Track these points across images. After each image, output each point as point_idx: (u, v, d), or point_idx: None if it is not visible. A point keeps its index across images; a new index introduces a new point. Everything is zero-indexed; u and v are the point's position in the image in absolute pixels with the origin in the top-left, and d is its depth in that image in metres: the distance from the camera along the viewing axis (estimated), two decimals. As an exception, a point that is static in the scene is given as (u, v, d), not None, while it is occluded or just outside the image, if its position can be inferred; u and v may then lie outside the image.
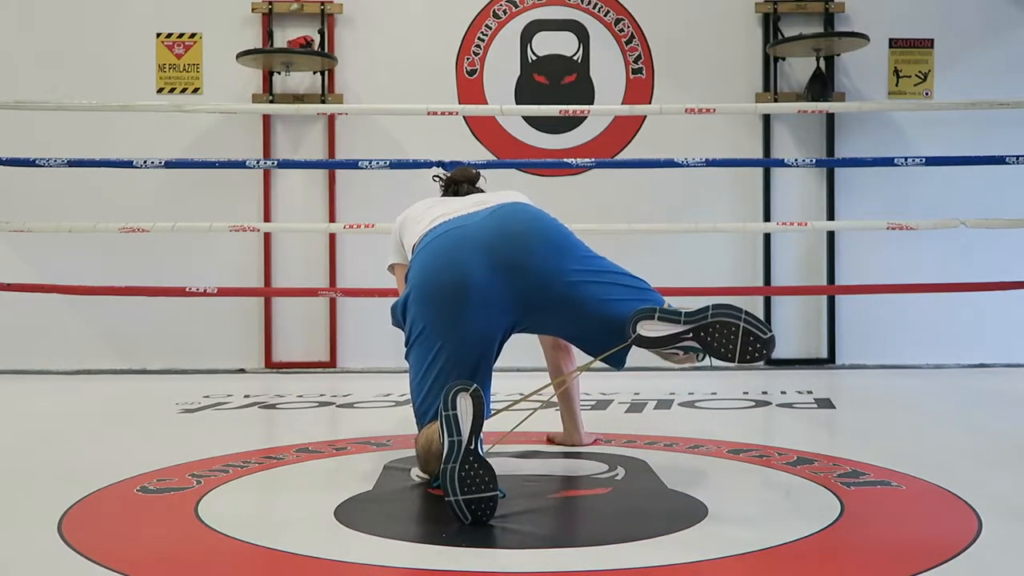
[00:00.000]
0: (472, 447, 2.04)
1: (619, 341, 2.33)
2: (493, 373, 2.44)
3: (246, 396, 4.22)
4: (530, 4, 5.59)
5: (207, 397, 4.19)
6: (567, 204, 5.20)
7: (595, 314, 2.39)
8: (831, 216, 5.47)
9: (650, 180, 5.37)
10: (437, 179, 2.95)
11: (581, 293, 2.39)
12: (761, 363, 4.80)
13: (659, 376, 4.64)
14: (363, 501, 2.25)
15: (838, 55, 5.46)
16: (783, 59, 5.52)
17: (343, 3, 5.51)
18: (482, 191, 2.83)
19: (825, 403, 3.92)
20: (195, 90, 5.53)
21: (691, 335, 2.13)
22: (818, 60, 5.37)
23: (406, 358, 2.47)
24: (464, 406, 2.07)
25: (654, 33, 5.59)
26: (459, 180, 2.86)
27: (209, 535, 1.99)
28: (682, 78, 5.57)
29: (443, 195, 2.85)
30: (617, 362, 2.42)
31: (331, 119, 5.50)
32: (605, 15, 5.59)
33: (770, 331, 2.11)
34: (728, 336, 2.09)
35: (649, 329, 2.16)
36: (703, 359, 2.22)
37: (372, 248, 4.97)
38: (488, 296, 2.36)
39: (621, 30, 5.59)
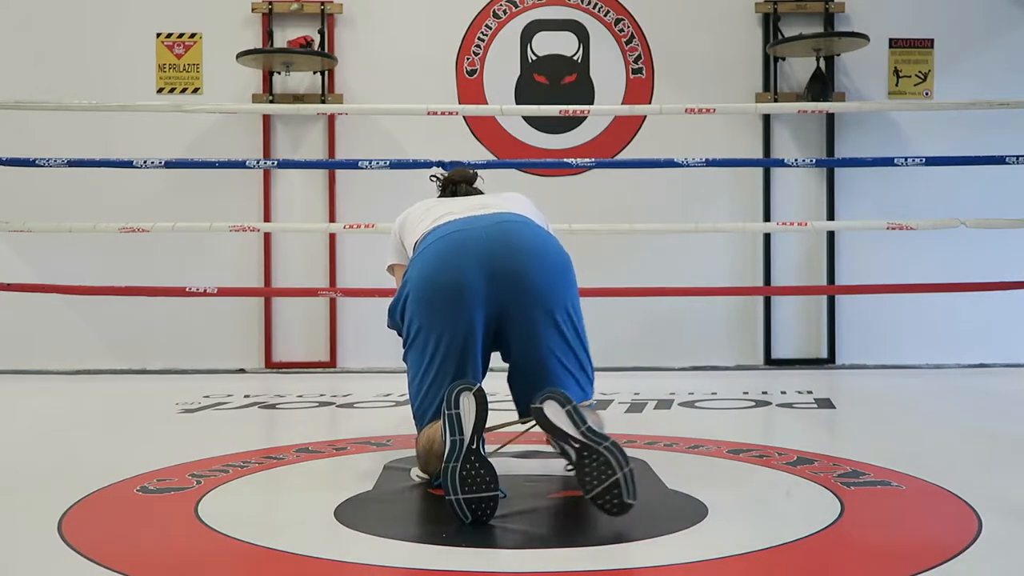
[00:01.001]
0: (474, 447, 2.04)
1: (529, 400, 2.25)
2: (491, 374, 2.44)
3: (246, 396, 4.22)
4: (530, 4, 5.59)
5: (207, 397, 4.19)
6: (567, 204, 5.22)
7: (543, 364, 2.37)
8: (831, 216, 5.47)
9: (650, 180, 5.37)
10: (435, 179, 2.94)
11: (549, 337, 2.37)
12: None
13: (659, 376, 4.64)
14: (363, 501, 2.25)
15: (838, 55, 5.45)
16: (783, 59, 5.52)
17: (343, 3, 5.51)
18: (480, 192, 2.82)
19: (825, 403, 3.92)
20: (195, 90, 5.53)
21: (577, 446, 2.05)
22: (818, 60, 5.37)
23: (404, 359, 2.47)
24: (467, 405, 2.07)
25: (654, 33, 5.59)
26: (457, 180, 2.85)
27: (209, 535, 1.99)
28: (682, 78, 5.57)
29: (441, 195, 2.84)
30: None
31: (331, 119, 5.50)
32: (605, 15, 5.59)
33: (634, 503, 2.01)
34: (602, 473, 2.00)
35: (552, 412, 2.10)
36: (569, 469, 2.21)
37: (372, 248, 4.96)
38: (476, 298, 2.36)
39: (621, 30, 5.59)
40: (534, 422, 2.16)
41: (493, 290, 2.36)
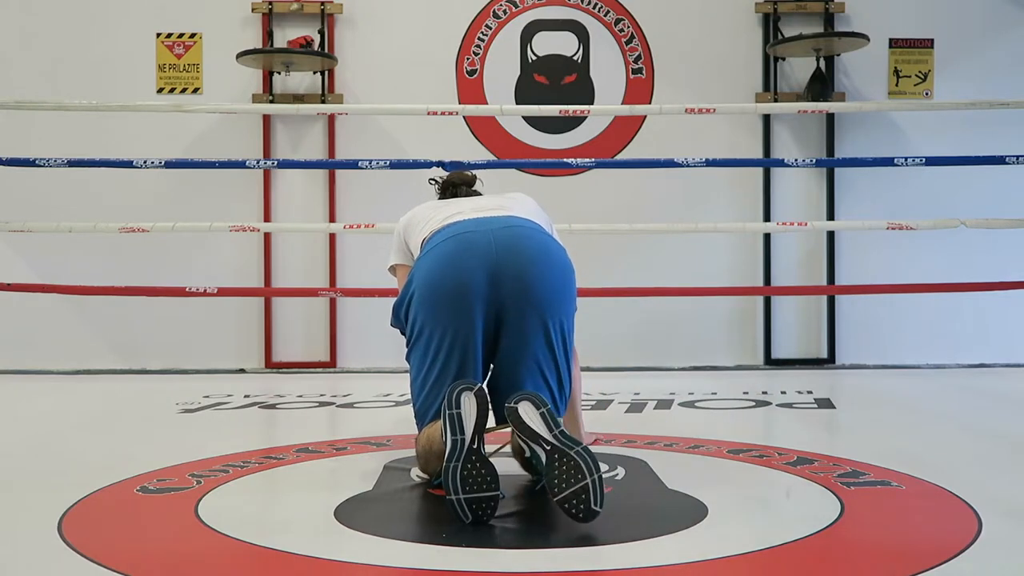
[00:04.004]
0: (475, 446, 2.04)
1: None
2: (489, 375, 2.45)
3: (246, 396, 4.22)
4: (530, 4, 5.59)
5: (207, 397, 4.19)
6: (567, 204, 5.22)
7: (521, 370, 2.37)
8: (831, 216, 5.47)
9: (650, 180, 5.37)
10: (433, 182, 2.94)
11: (537, 345, 2.37)
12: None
13: (659, 376, 4.64)
14: (363, 501, 2.25)
15: (838, 55, 5.46)
16: (783, 59, 5.52)
17: (343, 3, 5.51)
18: (479, 194, 2.82)
19: (825, 403, 3.92)
20: (195, 90, 5.53)
21: (548, 448, 2.05)
22: (818, 60, 5.37)
23: (407, 358, 2.47)
24: (468, 405, 2.07)
25: (654, 33, 5.59)
26: (456, 183, 2.85)
27: (209, 535, 1.99)
28: (682, 78, 5.57)
29: (440, 198, 2.84)
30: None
31: (331, 119, 5.50)
32: (605, 15, 5.59)
33: (599, 512, 1.99)
34: (571, 477, 2.00)
35: (526, 413, 2.10)
36: (536, 477, 2.22)
37: (372, 248, 4.97)
38: (477, 298, 2.36)
39: (621, 30, 5.59)
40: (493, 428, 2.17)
41: (493, 291, 2.36)
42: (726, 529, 2.00)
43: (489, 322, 2.38)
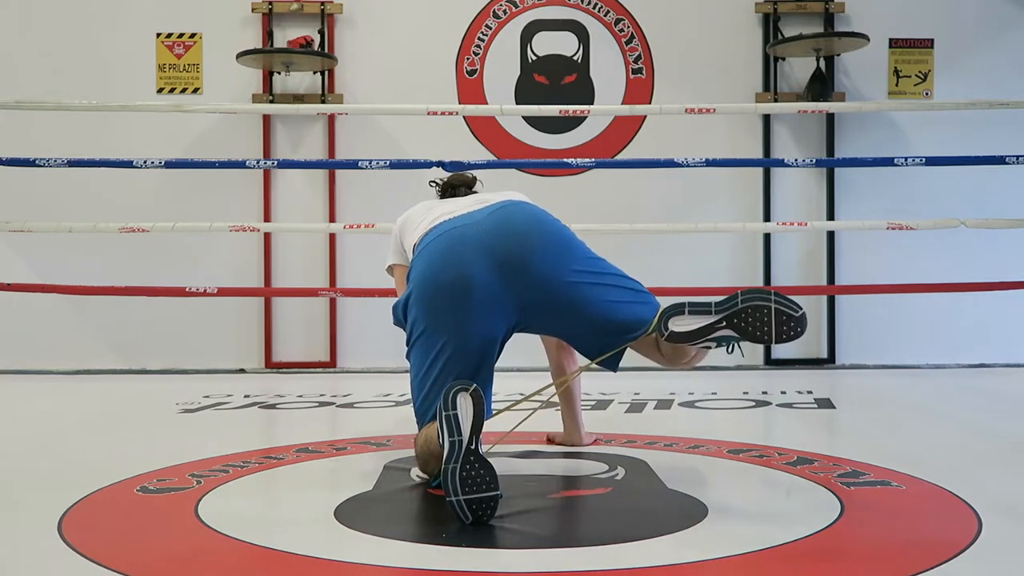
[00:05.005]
0: (473, 447, 2.04)
1: (618, 342, 2.36)
2: (494, 373, 2.44)
3: (246, 396, 4.22)
4: (530, 4, 5.59)
5: (207, 397, 4.19)
6: (567, 204, 5.19)
7: (594, 315, 2.39)
8: (831, 216, 5.47)
9: (650, 180, 5.37)
10: (434, 184, 2.95)
11: (581, 294, 2.39)
12: (762, 363, 4.80)
13: (659, 376, 4.64)
14: (363, 501, 2.25)
15: (838, 55, 5.46)
16: (783, 59, 5.52)
17: (343, 3, 5.51)
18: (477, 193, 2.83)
19: (825, 403, 3.92)
20: (195, 90, 5.53)
21: (724, 324, 2.13)
22: (818, 60, 5.37)
23: (407, 358, 2.47)
24: (464, 406, 2.07)
25: (654, 33, 5.59)
26: (456, 184, 2.86)
27: (209, 535, 1.99)
28: (682, 78, 5.57)
29: (441, 198, 2.84)
30: (612, 364, 2.45)
31: (331, 119, 5.50)
32: (605, 15, 5.59)
33: (801, 309, 2.12)
34: (761, 319, 2.10)
35: (681, 324, 2.17)
36: (732, 350, 2.22)
37: (372, 248, 4.97)
38: (489, 297, 2.36)
39: (621, 30, 5.59)
40: (605, 357, 2.33)
41: (510, 289, 2.36)
42: (726, 529, 2.00)
43: (511, 318, 2.40)
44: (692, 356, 2.37)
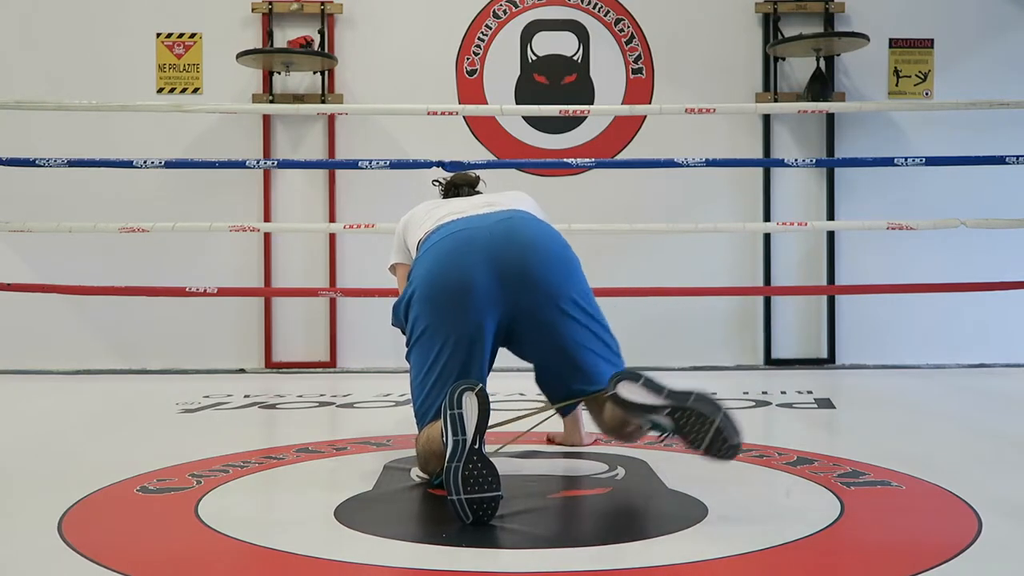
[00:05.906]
0: (476, 446, 2.04)
1: (579, 388, 2.40)
2: (494, 373, 2.45)
3: (246, 396, 4.22)
4: (530, 4, 5.59)
5: (207, 397, 4.19)
6: (567, 204, 5.22)
7: (568, 353, 2.41)
8: (831, 216, 5.47)
9: (650, 180, 5.37)
10: (437, 183, 2.95)
11: (567, 327, 2.40)
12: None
13: (659, 376, 4.63)
14: (363, 501, 2.25)
15: (838, 55, 5.45)
16: (783, 59, 5.52)
17: (343, 3, 5.51)
18: (480, 194, 2.83)
19: (825, 403, 3.92)
20: (195, 90, 5.53)
21: (667, 412, 2.10)
22: (818, 60, 5.37)
23: (407, 358, 2.47)
24: (470, 405, 2.07)
25: (654, 33, 5.59)
26: (459, 184, 2.86)
27: (209, 535, 1.99)
28: (682, 78, 5.57)
29: (444, 198, 2.85)
30: (566, 410, 2.51)
31: (331, 119, 5.50)
32: (605, 15, 5.59)
33: (740, 439, 2.09)
34: (701, 427, 2.07)
35: (629, 392, 2.15)
36: (664, 440, 2.21)
37: (372, 248, 4.97)
38: (487, 297, 2.36)
39: (621, 30, 5.59)
40: (562, 405, 2.30)
41: (505, 292, 2.36)
42: (726, 529, 2.00)
43: (502, 321, 2.39)
44: (629, 432, 2.38)
